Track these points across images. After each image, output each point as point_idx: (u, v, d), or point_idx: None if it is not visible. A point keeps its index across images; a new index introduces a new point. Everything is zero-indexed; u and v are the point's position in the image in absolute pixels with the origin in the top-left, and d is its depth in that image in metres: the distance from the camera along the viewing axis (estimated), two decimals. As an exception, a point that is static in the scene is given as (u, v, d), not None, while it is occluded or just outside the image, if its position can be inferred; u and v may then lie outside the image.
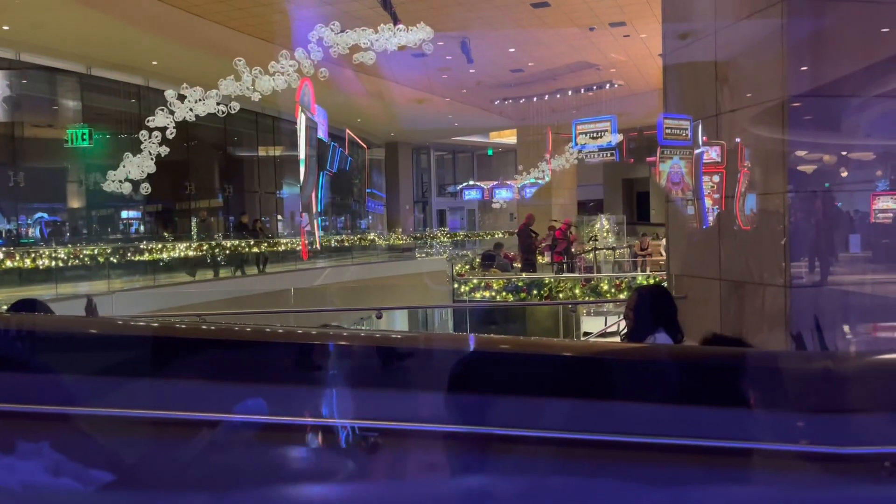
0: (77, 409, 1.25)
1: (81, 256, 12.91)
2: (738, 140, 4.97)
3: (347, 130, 13.30)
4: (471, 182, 26.24)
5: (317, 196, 9.66)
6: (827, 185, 4.62)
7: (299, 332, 1.60)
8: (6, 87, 15.26)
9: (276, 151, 22.32)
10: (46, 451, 1.15)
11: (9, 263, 11.68)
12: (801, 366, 1.52)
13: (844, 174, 4.70)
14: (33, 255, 12.29)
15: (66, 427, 1.23)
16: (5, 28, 12.62)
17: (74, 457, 1.17)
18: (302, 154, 9.09)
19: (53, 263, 12.36)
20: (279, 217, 23.03)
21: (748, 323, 4.65)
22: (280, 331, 1.61)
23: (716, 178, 5.49)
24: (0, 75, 14.99)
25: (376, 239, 23.55)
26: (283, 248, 17.67)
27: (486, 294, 11.73)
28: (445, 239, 26.36)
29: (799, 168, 4.44)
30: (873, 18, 4.39)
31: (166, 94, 8.56)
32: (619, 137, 15.30)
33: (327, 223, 24.04)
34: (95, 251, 13.20)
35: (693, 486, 1.20)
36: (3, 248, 12.52)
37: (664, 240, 9.27)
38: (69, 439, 1.21)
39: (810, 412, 1.27)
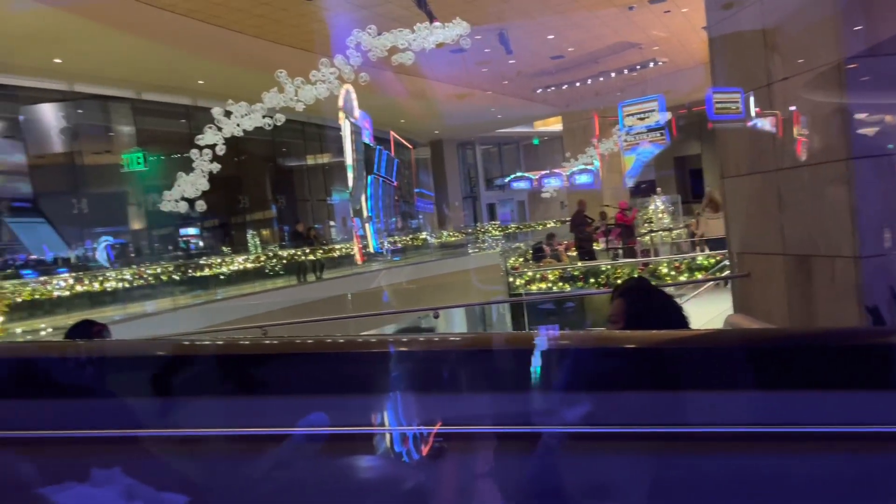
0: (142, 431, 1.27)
1: (145, 276, 13.32)
2: (792, 109, 4.79)
3: (391, 132, 13.36)
4: (518, 173, 26.06)
5: (367, 200, 9.74)
6: (891, 146, 4.40)
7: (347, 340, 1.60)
8: (62, 118, 15.84)
9: (324, 159, 22.61)
10: (118, 476, 1.17)
11: (79, 288, 12.13)
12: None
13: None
14: (101, 278, 12.73)
15: (135, 449, 1.25)
16: (57, 61, 13.08)
17: (145, 480, 1.19)
18: (349, 160, 9.18)
19: (120, 285, 12.78)
20: (331, 223, 23.30)
21: (817, 297, 4.49)
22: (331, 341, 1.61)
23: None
24: (56, 107, 15.57)
25: (428, 238, 23.62)
26: (337, 253, 17.87)
27: (543, 286, 11.63)
28: (497, 232, 26.25)
29: (860, 132, 4.25)
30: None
31: (213, 111, 8.75)
32: (668, 116, 14.96)
33: (382, 226, 24.29)
34: (158, 270, 13.59)
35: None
36: (73, 274, 12.98)
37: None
38: (139, 462, 1.23)
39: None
